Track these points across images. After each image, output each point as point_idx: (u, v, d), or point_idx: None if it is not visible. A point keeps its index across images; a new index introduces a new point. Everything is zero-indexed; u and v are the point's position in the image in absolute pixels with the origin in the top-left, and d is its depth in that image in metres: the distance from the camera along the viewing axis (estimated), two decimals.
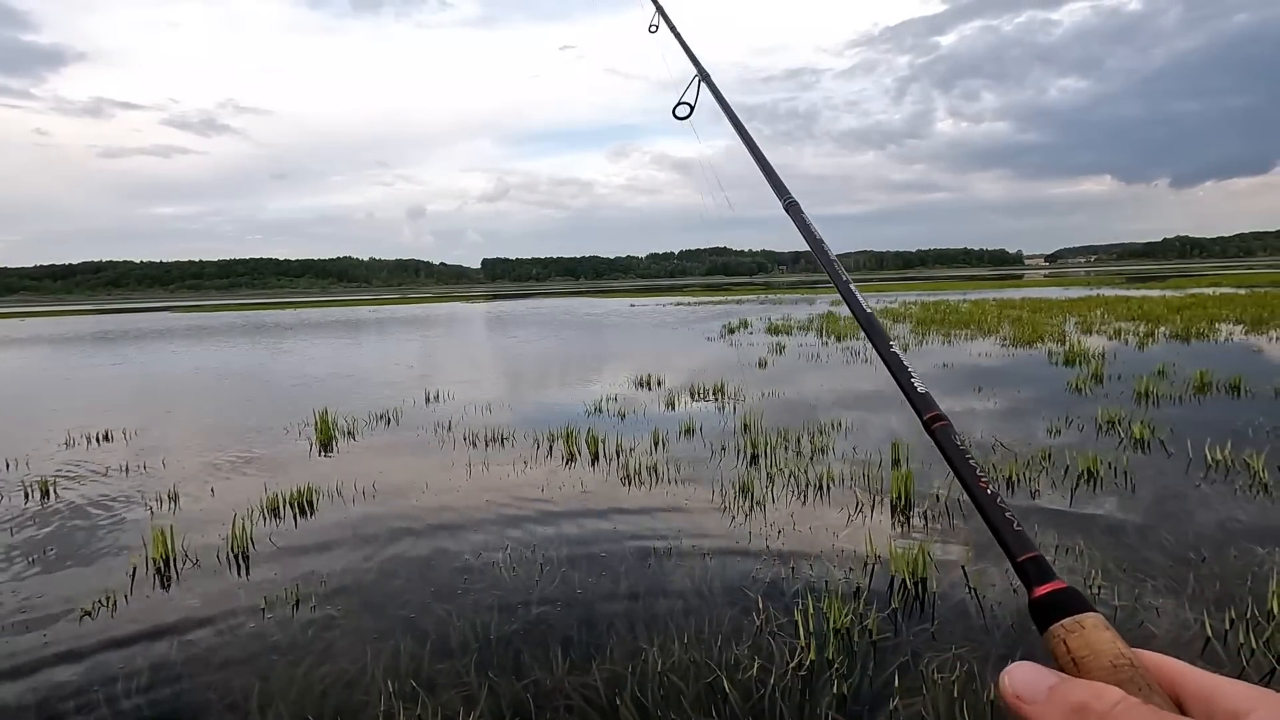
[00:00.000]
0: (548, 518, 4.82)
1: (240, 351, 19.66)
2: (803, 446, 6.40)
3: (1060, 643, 0.37)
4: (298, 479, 5.77)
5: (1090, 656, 0.35)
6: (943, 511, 4.59)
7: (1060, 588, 0.39)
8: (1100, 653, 0.35)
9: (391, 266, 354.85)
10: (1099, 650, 0.35)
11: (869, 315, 0.63)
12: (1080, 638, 0.36)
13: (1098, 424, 6.73)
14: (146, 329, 33.12)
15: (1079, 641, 0.36)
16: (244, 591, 3.86)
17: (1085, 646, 0.36)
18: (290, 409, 9.45)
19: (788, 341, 15.86)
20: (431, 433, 7.67)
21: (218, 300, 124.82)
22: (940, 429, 0.52)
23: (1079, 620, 0.37)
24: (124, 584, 3.98)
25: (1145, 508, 4.54)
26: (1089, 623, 0.37)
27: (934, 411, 0.53)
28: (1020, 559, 0.42)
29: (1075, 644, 0.36)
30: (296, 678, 2.98)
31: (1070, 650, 0.36)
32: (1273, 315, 16.57)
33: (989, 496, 0.45)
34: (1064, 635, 0.37)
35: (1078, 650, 0.36)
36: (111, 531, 4.90)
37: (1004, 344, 13.73)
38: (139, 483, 6.11)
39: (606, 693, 2.78)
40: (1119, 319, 17.71)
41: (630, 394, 9.66)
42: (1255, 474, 5.00)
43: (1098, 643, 0.36)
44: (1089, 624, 0.37)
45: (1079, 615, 0.37)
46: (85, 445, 7.73)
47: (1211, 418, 6.87)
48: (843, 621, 3.16)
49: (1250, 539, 3.94)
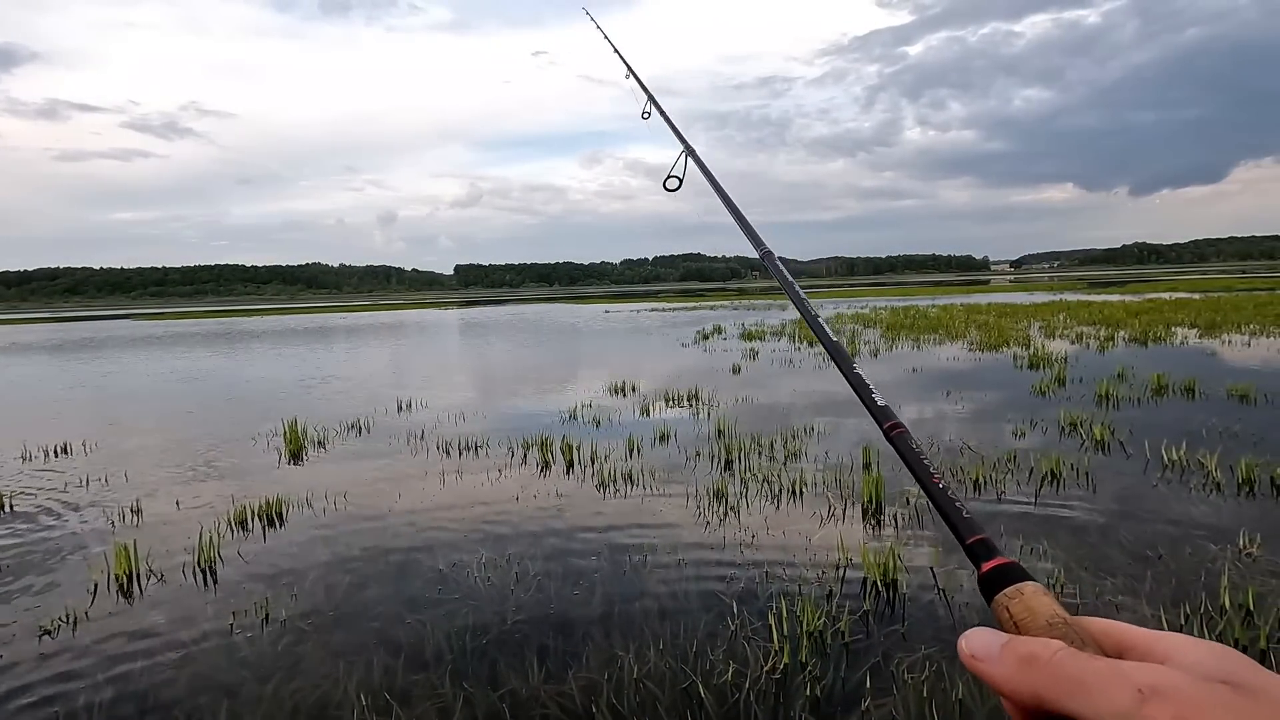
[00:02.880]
0: (522, 526, 4.80)
1: (205, 360, 19.22)
2: (776, 451, 6.47)
3: (1003, 609, 0.41)
4: (266, 490, 5.66)
5: (1029, 618, 0.40)
6: (912, 514, 4.68)
7: (1003, 563, 0.43)
8: (1038, 614, 0.39)
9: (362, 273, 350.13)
10: (1037, 612, 0.40)
11: (835, 343, 0.70)
12: (1020, 603, 0.41)
13: (1060, 426, 6.91)
14: (107, 337, 32.20)
15: (1019, 606, 0.40)
16: (211, 607, 3.78)
17: (1025, 610, 0.40)
18: (258, 419, 9.27)
19: (761, 347, 16.00)
20: (404, 442, 7.59)
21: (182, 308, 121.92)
22: (898, 435, 0.58)
23: (1019, 588, 0.41)
24: (85, 601, 3.88)
25: (1106, 507, 4.67)
26: (1028, 590, 0.41)
27: (892, 421, 0.59)
28: (969, 541, 0.47)
29: (1016, 609, 0.40)
30: (266, 694, 2.92)
31: (1012, 615, 0.40)
32: (1225, 319, 17.17)
33: (940, 490, 0.50)
34: (1006, 602, 0.41)
35: (1018, 614, 0.40)
36: (71, 547, 4.76)
37: (971, 348, 14.01)
38: (100, 496, 5.94)
39: (582, 701, 2.79)
40: (1081, 323, 18.20)
41: (605, 401, 9.67)
42: (1209, 473, 5.18)
43: (1037, 606, 0.40)
44: (1027, 591, 0.41)
45: (1019, 584, 0.42)
46: (43, 458, 7.50)
47: (1168, 419, 7.10)
48: (815, 624, 3.20)
49: (1204, 537, 4.08)
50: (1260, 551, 3.81)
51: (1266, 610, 3.19)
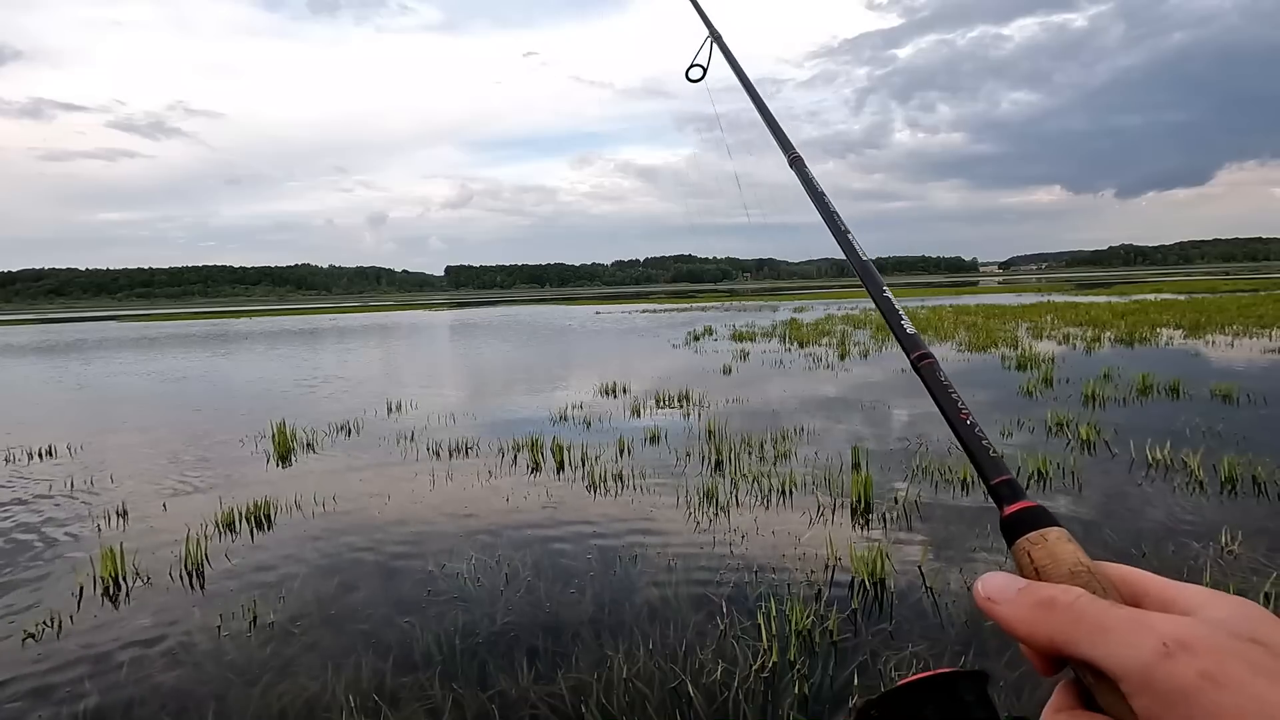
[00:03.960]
0: (513, 527, 4.79)
1: (192, 361, 19.06)
2: (766, 452, 6.49)
3: (1025, 554, 0.40)
4: (254, 493, 5.63)
5: (1051, 565, 0.38)
6: (900, 514, 4.71)
7: (1028, 506, 0.42)
8: (1061, 561, 0.38)
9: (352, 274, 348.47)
10: (1060, 559, 0.38)
11: (865, 263, 0.67)
12: (1043, 549, 0.39)
13: (1048, 426, 6.97)
14: (93, 339, 31.87)
15: (1042, 552, 0.39)
16: (198, 609, 3.75)
17: (1047, 556, 0.39)
18: (246, 421, 9.21)
19: (751, 348, 16.04)
20: (394, 443, 7.56)
21: (169, 309, 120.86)
22: (926, 366, 0.54)
23: (1043, 534, 0.40)
24: (70, 605, 3.84)
25: (1092, 506, 4.72)
26: (1052, 535, 0.40)
27: (920, 350, 0.56)
28: (994, 481, 0.44)
29: (1038, 554, 0.39)
30: (253, 697, 2.91)
31: (1034, 560, 0.39)
32: (1210, 321, 17.37)
33: (968, 427, 0.47)
34: (1028, 547, 0.40)
35: (1040, 560, 0.39)
36: (56, 550, 4.71)
37: (960, 349, 14.11)
38: (86, 499, 5.88)
39: (572, 701, 2.79)
40: (1068, 324, 18.36)
41: (596, 402, 9.66)
42: (1192, 472, 5.24)
43: (1060, 553, 0.38)
44: (1051, 537, 0.39)
45: (1043, 529, 0.40)
46: (27, 460, 7.42)
47: (1153, 419, 7.18)
48: (804, 623, 3.22)
49: (1187, 534, 4.13)
50: (1242, 549, 3.86)
51: None
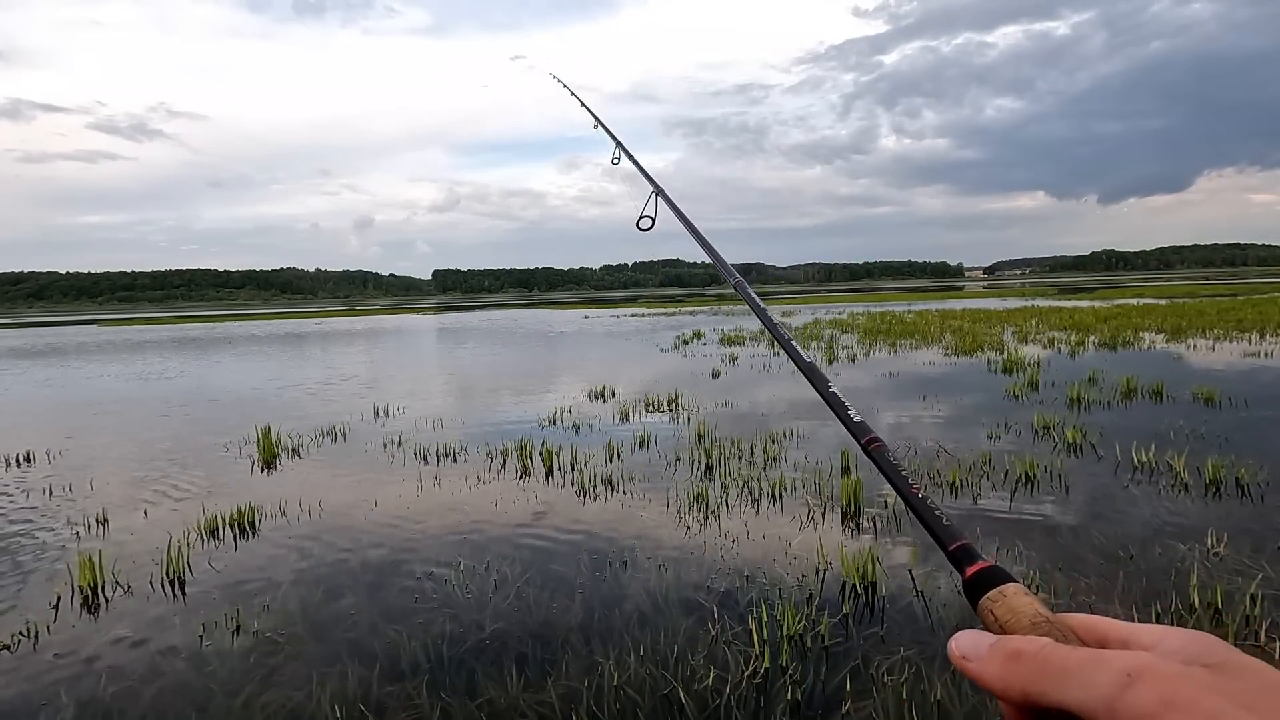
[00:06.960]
0: (501, 533, 4.75)
1: (175, 366, 18.81)
2: (755, 456, 6.48)
3: (988, 612, 0.42)
4: (238, 499, 5.55)
5: (1012, 619, 0.41)
6: (890, 518, 4.71)
7: (985, 566, 0.45)
8: (1021, 614, 0.41)
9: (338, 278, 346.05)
10: (1020, 612, 0.41)
11: (810, 364, 0.73)
12: (1004, 604, 0.42)
13: (1034, 429, 7.02)
14: (73, 343, 31.40)
15: (1003, 608, 0.42)
16: (179, 618, 3.68)
17: (1008, 611, 0.41)
18: (230, 426, 9.09)
19: (740, 352, 16.07)
20: (381, 448, 7.49)
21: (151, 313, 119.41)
22: (876, 449, 0.59)
23: (1001, 590, 0.42)
24: (47, 614, 3.76)
25: (1079, 509, 4.75)
26: (1010, 591, 0.42)
27: (870, 435, 0.61)
28: (951, 547, 0.48)
29: (1000, 610, 0.42)
30: (236, 708, 2.85)
31: (997, 617, 0.41)
32: (1190, 325, 17.62)
33: (920, 500, 0.52)
34: (990, 605, 0.42)
35: (1002, 615, 0.41)
36: (33, 559, 4.61)
37: (946, 353, 14.21)
38: (64, 506, 5.77)
39: (562, 709, 2.76)
40: (1052, 328, 18.55)
41: (584, 406, 9.63)
42: (1177, 474, 5.29)
43: (1019, 606, 0.41)
44: (1010, 592, 0.42)
45: (1001, 586, 0.43)
46: (4, 468, 7.27)
47: (1137, 421, 7.25)
48: (795, 628, 3.21)
49: (1173, 536, 4.16)
50: (1227, 550, 3.90)
51: (1234, 608, 3.26)
